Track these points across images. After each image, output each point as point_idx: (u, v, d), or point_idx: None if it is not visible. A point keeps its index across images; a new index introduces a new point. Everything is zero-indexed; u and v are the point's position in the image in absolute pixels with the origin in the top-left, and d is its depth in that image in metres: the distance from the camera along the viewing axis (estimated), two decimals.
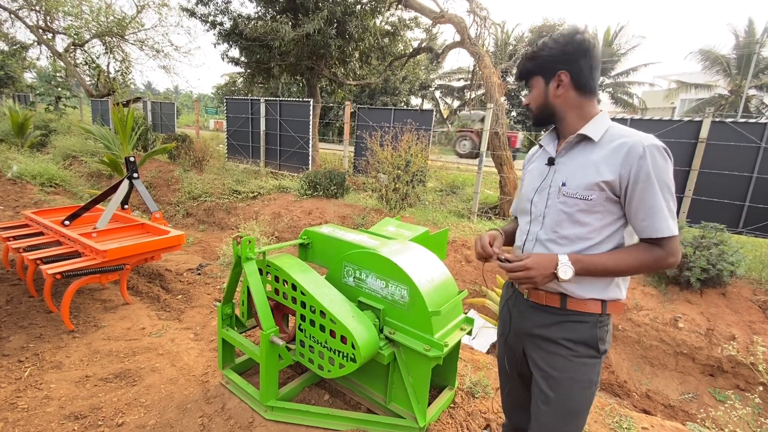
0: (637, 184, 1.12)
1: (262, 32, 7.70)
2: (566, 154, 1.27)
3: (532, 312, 1.30)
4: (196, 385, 2.35)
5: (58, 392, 2.25)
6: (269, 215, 6.43)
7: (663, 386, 3.40)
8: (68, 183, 7.58)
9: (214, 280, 3.96)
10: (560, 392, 1.25)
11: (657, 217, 1.12)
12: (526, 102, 1.34)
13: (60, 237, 3.36)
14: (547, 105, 1.28)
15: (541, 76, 1.27)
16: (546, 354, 1.27)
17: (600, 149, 1.19)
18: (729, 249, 3.78)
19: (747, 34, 17.49)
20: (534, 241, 1.29)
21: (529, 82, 1.31)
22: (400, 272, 1.88)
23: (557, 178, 1.26)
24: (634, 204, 1.14)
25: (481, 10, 7.36)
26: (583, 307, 1.22)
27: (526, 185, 1.38)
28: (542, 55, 1.24)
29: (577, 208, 1.19)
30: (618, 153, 1.15)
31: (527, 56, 1.29)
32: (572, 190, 1.20)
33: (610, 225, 1.20)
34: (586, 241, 1.21)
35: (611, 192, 1.16)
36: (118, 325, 3.00)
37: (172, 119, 11.93)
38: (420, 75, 22.67)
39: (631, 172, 1.12)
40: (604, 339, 1.24)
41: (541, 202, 1.29)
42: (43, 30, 14.36)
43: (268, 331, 1.96)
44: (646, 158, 1.11)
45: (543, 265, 1.16)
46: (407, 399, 1.97)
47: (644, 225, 1.14)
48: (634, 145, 1.12)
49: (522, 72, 1.32)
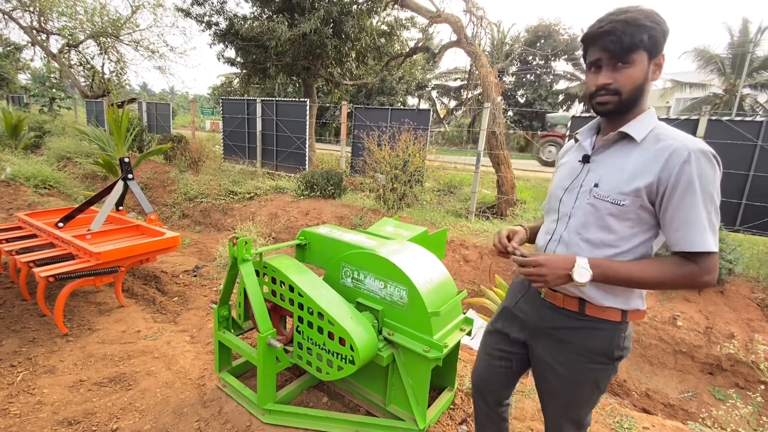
0: (676, 191, 1.02)
1: (258, 32, 7.65)
2: (604, 152, 1.17)
3: (548, 312, 1.25)
4: (193, 389, 2.31)
5: (51, 397, 2.21)
6: (266, 216, 6.39)
7: (663, 385, 3.39)
8: (63, 184, 7.50)
9: (210, 282, 3.92)
10: (568, 388, 1.25)
11: (694, 229, 1.01)
12: (608, 81, 1.08)
13: (53, 239, 3.32)
14: (642, 89, 1.09)
15: (646, 52, 1.05)
16: (557, 353, 1.24)
17: (641, 151, 1.09)
18: (727, 247, 3.78)
19: (741, 33, 17.60)
20: (557, 242, 1.22)
21: (629, 57, 1.05)
22: (398, 273, 1.85)
23: (590, 178, 1.17)
24: (670, 212, 1.05)
25: (478, 9, 7.35)
26: (602, 314, 1.16)
27: (556, 182, 1.29)
28: (655, 27, 1.03)
29: (607, 212, 1.11)
30: (660, 156, 1.05)
31: (633, 23, 1.02)
32: (605, 192, 1.11)
33: (640, 234, 1.12)
34: (610, 248, 1.13)
35: (647, 198, 1.07)
36: (112, 328, 2.96)
37: (167, 120, 11.85)
38: (417, 75, 22.67)
39: (671, 177, 1.02)
40: (622, 345, 1.19)
41: (570, 201, 1.20)
42: (37, 31, 14.24)
43: (265, 333, 1.93)
44: (690, 163, 1.01)
45: (557, 264, 1.09)
46: (407, 401, 1.95)
47: (678, 236, 1.04)
48: (678, 148, 1.03)
49: (629, 42, 1.03)
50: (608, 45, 1.05)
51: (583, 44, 1.15)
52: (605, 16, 1.09)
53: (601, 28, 1.06)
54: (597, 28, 1.08)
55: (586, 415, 1.31)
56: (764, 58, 17.46)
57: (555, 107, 21.92)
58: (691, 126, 4.94)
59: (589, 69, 1.14)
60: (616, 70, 1.07)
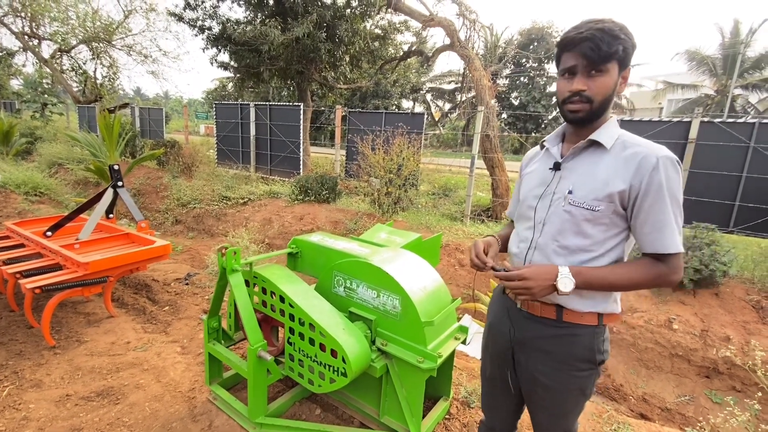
0: (648, 197, 1.07)
1: (251, 36, 7.63)
2: (573, 159, 1.19)
3: (527, 323, 1.25)
4: (183, 402, 2.26)
5: (37, 413, 2.16)
6: (260, 221, 6.34)
7: (659, 389, 3.37)
8: (54, 191, 7.41)
9: (202, 290, 3.87)
10: (555, 398, 1.25)
11: (665, 232, 1.07)
12: (582, 87, 1.10)
13: (41, 249, 3.25)
14: (611, 99, 1.13)
15: (618, 64, 1.08)
16: (540, 365, 1.24)
17: (611, 157, 1.13)
18: (721, 249, 3.78)
19: (732, 35, 17.80)
20: (534, 250, 1.23)
21: (604, 65, 1.07)
22: (391, 281, 1.82)
23: (563, 185, 1.18)
24: (641, 217, 1.09)
25: (470, 13, 7.37)
26: (579, 320, 1.18)
27: (527, 189, 1.29)
28: (626, 40, 1.06)
29: (582, 218, 1.13)
30: (630, 163, 1.09)
31: (609, 33, 1.05)
32: (579, 199, 1.14)
33: (613, 238, 1.15)
34: (586, 253, 1.15)
35: (620, 204, 1.11)
36: (101, 339, 2.90)
37: (160, 125, 11.77)
38: (411, 78, 22.73)
39: (642, 184, 1.07)
40: (601, 349, 1.21)
41: (543, 209, 1.21)
42: (29, 36, 14.12)
43: (255, 345, 1.89)
44: (659, 170, 1.06)
45: (542, 276, 1.10)
46: (401, 412, 1.91)
47: (650, 239, 1.09)
48: (647, 155, 1.07)
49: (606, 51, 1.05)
50: (587, 51, 1.06)
51: (559, 49, 1.15)
52: (582, 23, 1.10)
53: (581, 34, 1.07)
54: (576, 33, 1.08)
55: (574, 423, 1.32)
56: (755, 59, 17.66)
57: (549, 109, 22.03)
58: (684, 128, 4.96)
59: (562, 75, 1.15)
60: (590, 77, 1.09)
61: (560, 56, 1.15)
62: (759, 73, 17.97)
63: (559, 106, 1.19)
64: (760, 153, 4.63)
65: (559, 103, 1.17)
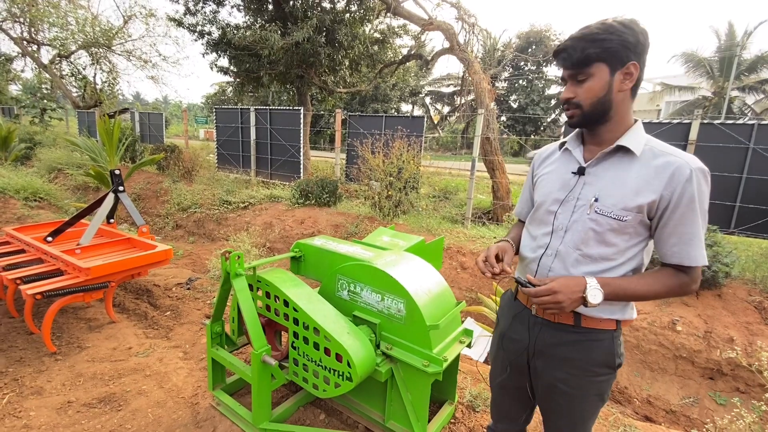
0: (678, 208, 1.05)
1: (250, 41, 7.65)
2: (598, 164, 1.14)
3: (543, 329, 1.22)
4: (185, 408, 2.25)
5: (38, 420, 2.14)
6: (261, 225, 6.32)
7: (664, 391, 3.36)
8: (53, 197, 7.39)
9: (204, 295, 3.85)
10: (573, 404, 1.23)
11: (692, 244, 1.06)
12: (569, 96, 1.11)
13: (42, 254, 3.24)
14: (606, 100, 1.08)
15: (605, 64, 1.06)
16: (559, 372, 1.21)
17: (640, 165, 1.09)
18: (723, 250, 3.78)
19: (728, 37, 17.90)
20: (553, 256, 1.19)
21: (583, 70, 1.08)
22: (396, 285, 1.81)
23: (587, 192, 1.14)
24: (669, 228, 1.07)
25: (469, 16, 7.41)
26: (598, 325, 1.16)
27: (546, 192, 1.24)
28: (611, 39, 1.04)
29: (608, 227, 1.10)
30: (662, 173, 1.05)
31: (585, 38, 1.05)
32: (607, 208, 1.10)
33: (635, 246, 1.13)
34: (608, 262, 1.13)
35: (647, 214, 1.08)
36: (103, 345, 2.88)
37: (160, 130, 11.78)
38: (410, 82, 22.81)
39: (674, 195, 1.04)
40: (619, 352, 1.20)
41: (566, 215, 1.17)
42: (28, 42, 14.15)
43: (259, 350, 1.88)
44: (692, 182, 1.03)
45: (571, 288, 1.06)
46: (406, 416, 1.90)
47: (675, 251, 1.08)
48: (680, 166, 1.04)
49: (579, 57, 1.06)
50: (561, 62, 1.12)
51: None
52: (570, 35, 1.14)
53: (560, 46, 1.12)
54: (558, 46, 1.14)
55: (591, 428, 1.31)
56: (751, 61, 17.76)
57: (547, 112, 22.11)
58: (683, 130, 4.97)
59: (562, 84, 1.20)
60: (576, 84, 1.12)
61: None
62: (755, 75, 18.08)
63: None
64: (759, 154, 4.64)
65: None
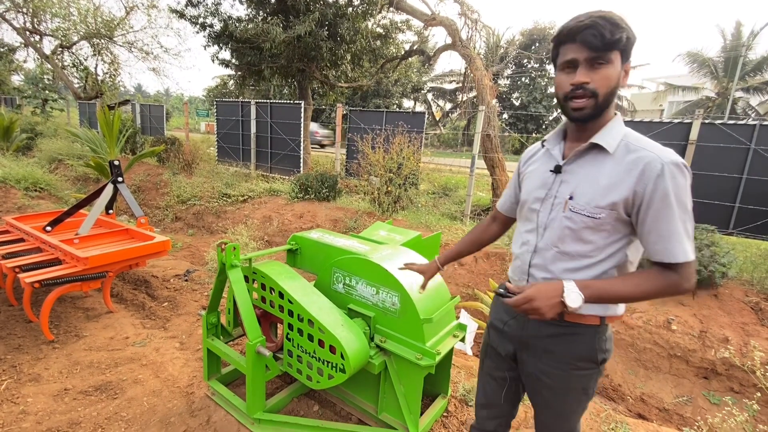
0: (652, 205, 1.02)
1: (252, 34, 7.62)
2: (575, 162, 1.14)
3: (528, 322, 1.24)
4: (181, 397, 2.27)
5: (36, 407, 2.16)
6: (259, 219, 6.34)
7: (657, 389, 3.37)
8: (53, 187, 7.41)
9: (201, 287, 3.87)
10: (558, 397, 1.25)
11: (672, 241, 1.01)
12: (585, 79, 1.02)
13: (41, 243, 3.25)
14: (615, 93, 1.06)
15: (620, 54, 1.02)
16: (543, 364, 1.23)
17: (614, 162, 1.07)
18: (720, 250, 3.78)
19: (734, 37, 17.79)
20: (534, 253, 1.21)
21: (607, 55, 1.01)
22: (390, 278, 1.82)
23: (563, 190, 1.14)
24: (647, 225, 1.04)
25: (472, 12, 7.37)
26: (581, 320, 1.16)
27: (528, 190, 1.25)
28: (627, 29, 1.00)
29: (583, 225, 1.09)
30: (634, 168, 1.03)
31: (610, 21, 0.98)
32: (580, 206, 1.09)
33: (615, 243, 1.11)
34: (586, 259, 1.12)
35: (624, 211, 1.06)
36: (100, 334, 2.90)
37: (161, 122, 11.76)
38: (412, 77, 22.71)
39: (646, 192, 1.02)
40: (603, 348, 1.18)
41: (545, 213, 1.18)
42: (30, 32, 14.11)
43: (254, 341, 1.89)
44: (664, 177, 1.00)
45: (547, 294, 1.06)
46: (399, 409, 1.91)
47: (657, 249, 1.04)
48: (652, 161, 1.01)
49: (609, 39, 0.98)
50: (589, 38, 0.99)
51: (556, 43, 1.08)
52: (582, 14, 1.04)
53: (581, 22, 1.01)
54: (576, 23, 1.02)
55: (577, 423, 1.32)
56: (757, 61, 17.66)
57: (550, 110, 22.03)
58: (684, 129, 4.96)
59: (562, 69, 1.08)
60: (592, 69, 1.02)
61: (558, 50, 1.08)
62: (760, 76, 17.98)
63: (560, 103, 1.11)
64: (760, 155, 4.62)
65: (561, 100, 1.09)
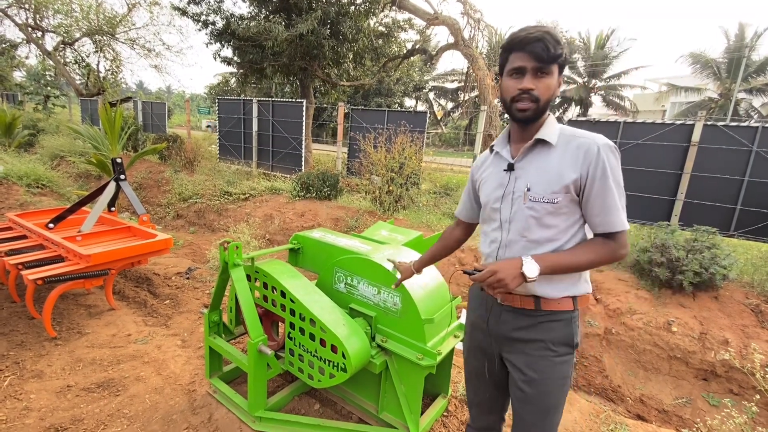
0: (595, 182, 1.17)
1: (254, 32, 7.62)
2: (524, 158, 1.27)
3: (508, 316, 1.31)
4: (183, 395, 2.28)
5: (39, 403, 2.17)
6: (261, 217, 6.35)
7: (657, 391, 3.38)
8: (56, 184, 7.42)
9: (203, 285, 3.88)
10: (540, 391, 1.29)
11: (612, 212, 1.17)
12: (531, 86, 1.16)
13: (43, 240, 3.27)
14: (552, 100, 1.21)
15: (558, 67, 1.17)
16: (525, 356, 1.29)
17: (559, 152, 1.21)
18: (721, 252, 3.78)
19: (737, 38, 17.73)
20: (505, 247, 1.30)
21: (550, 66, 1.16)
22: (393, 279, 1.83)
23: (520, 184, 1.26)
24: (591, 200, 1.19)
25: (475, 12, 7.37)
26: (556, 306, 1.25)
27: (487, 192, 1.36)
28: (566, 48, 1.16)
29: (544, 212, 1.21)
30: (578, 153, 1.18)
31: (554, 36, 1.13)
32: (538, 194, 1.21)
33: (574, 224, 1.24)
34: (553, 243, 1.23)
35: (575, 192, 1.20)
36: (102, 331, 2.92)
37: (163, 119, 11.77)
38: (414, 76, 22.68)
39: (590, 170, 1.17)
40: (577, 333, 1.29)
41: (507, 208, 1.28)
42: (33, 28, 14.12)
43: (256, 339, 1.90)
44: (601, 156, 1.16)
45: (509, 266, 1.17)
46: (399, 408, 1.92)
47: (599, 220, 1.19)
48: (590, 145, 1.18)
49: (553, 53, 1.13)
50: (538, 50, 1.13)
51: (507, 49, 1.21)
52: (529, 26, 1.18)
53: (532, 35, 1.13)
54: (527, 34, 1.15)
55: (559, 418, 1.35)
56: (760, 63, 17.59)
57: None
58: (686, 131, 4.95)
59: (509, 75, 1.21)
60: (537, 77, 1.17)
61: (507, 57, 1.21)
62: (763, 77, 17.91)
63: (505, 105, 1.25)
64: (762, 157, 4.62)
65: (507, 102, 1.24)
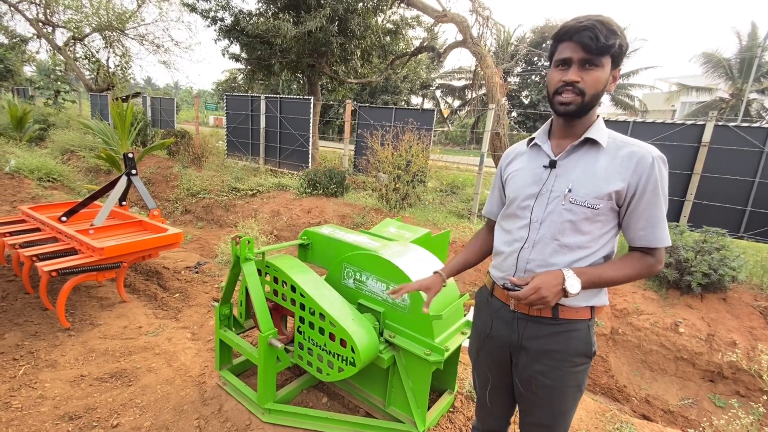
0: (645, 194, 1.11)
1: (263, 29, 7.65)
2: (568, 156, 1.19)
3: (523, 324, 1.24)
4: (193, 386, 2.32)
5: (53, 392, 2.22)
6: (268, 213, 6.39)
7: (663, 391, 3.38)
8: (66, 178, 7.52)
9: (211, 279, 3.93)
10: (553, 397, 1.25)
11: (658, 227, 1.13)
12: (576, 78, 1.08)
13: (57, 233, 3.32)
14: (601, 95, 1.13)
15: (611, 60, 1.09)
16: (540, 365, 1.23)
17: (607, 156, 1.15)
18: (730, 254, 3.76)
19: (750, 38, 17.48)
20: (531, 248, 1.22)
21: (599, 58, 1.07)
22: (401, 275, 1.85)
23: (560, 183, 1.18)
24: (637, 213, 1.14)
25: (484, 9, 7.33)
26: (575, 315, 1.20)
27: (517, 188, 1.27)
28: (621, 37, 1.07)
29: (582, 216, 1.15)
30: (629, 162, 1.12)
31: (606, 26, 1.05)
32: (580, 197, 1.14)
33: (607, 233, 1.19)
34: (584, 250, 1.17)
35: (616, 201, 1.14)
36: (114, 323, 2.97)
37: (171, 115, 11.86)
38: (421, 74, 22.62)
39: (640, 182, 1.11)
40: (594, 341, 1.25)
41: (540, 208, 1.20)
42: (43, 23, 14.28)
43: (266, 332, 1.93)
44: (654, 168, 1.10)
45: (551, 282, 1.11)
46: (407, 403, 1.95)
47: (642, 234, 1.14)
48: (644, 155, 1.12)
49: (603, 43, 1.04)
50: (586, 40, 1.05)
51: (555, 40, 1.14)
52: (581, 16, 1.10)
53: (580, 23, 1.07)
54: (575, 23, 1.08)
55: (570, 420, 1.33)
56: None
57: None
58: (697, 131, 4.92)
59: (556, 66, 1.14)
60: (584, 70, 1.09)
61: (556, 47, 1.14)
62: None
63: (549, 98, 1.18)
64: None
65: (550, 94, 1.16)
